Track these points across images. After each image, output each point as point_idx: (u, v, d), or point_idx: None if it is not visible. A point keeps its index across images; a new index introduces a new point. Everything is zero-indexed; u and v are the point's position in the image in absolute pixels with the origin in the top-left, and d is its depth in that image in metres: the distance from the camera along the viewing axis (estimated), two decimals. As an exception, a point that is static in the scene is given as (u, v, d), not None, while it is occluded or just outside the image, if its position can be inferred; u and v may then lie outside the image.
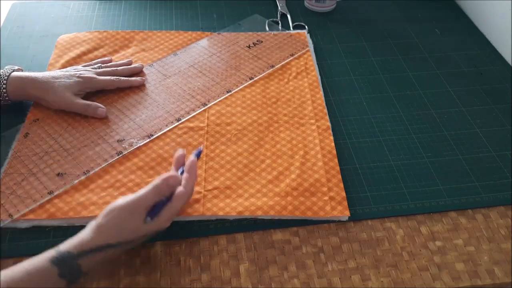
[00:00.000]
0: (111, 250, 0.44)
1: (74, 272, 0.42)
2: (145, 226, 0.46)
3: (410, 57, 0.78)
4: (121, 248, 0.45)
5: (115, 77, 0.68)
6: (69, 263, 0.42)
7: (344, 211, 0.54)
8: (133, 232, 0.45)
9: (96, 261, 0.44)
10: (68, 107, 0.63)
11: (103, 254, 0.44)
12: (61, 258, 0.42)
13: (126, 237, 0.45)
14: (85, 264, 0.43)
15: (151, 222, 0.46)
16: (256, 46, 0.78)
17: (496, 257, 0.51)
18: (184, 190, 0.48)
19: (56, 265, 0.42)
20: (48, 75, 0.63)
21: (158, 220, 0.46)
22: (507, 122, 0.67)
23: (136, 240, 0.46)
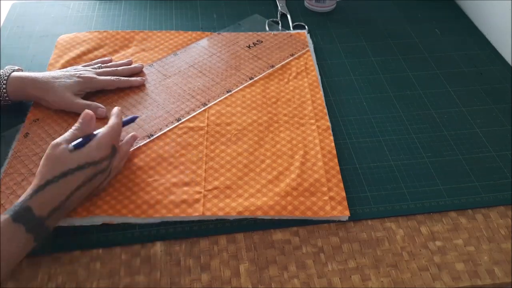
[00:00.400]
0: (55, 188, 0.47)
1: (31, 218, 0.45)
2: (72, 154, 0.49)
3: (410, 57, 0.78)
4: (63, 184, 0.47)
5: (115, 77, 0.68)
6: (23, 211, 0.45)
7: (344, 211, 0.54)
8: (62, 162, 0.48)
9: (47, 203, 0.46)
10: (68, 107, 0.63)
11: (49, 193, 0.46)
12: (15, 210, 0.45)
13: (58, 169, 0.48)
14: (36, 207, 0.45)
15: (77, 151, 0.50)
16: (256, 46, 0.78)
17: (496, 257, 0.51)
18: (108, 123, 0.54)
19: (15, 220, 0.44)
20: (48, 75, 0.63)
21: (85, 149, 0.50)
22: (507, 122, 0.67)
23: (77, 172, 0.48)
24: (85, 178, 0.49)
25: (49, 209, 0.46)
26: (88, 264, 0.50)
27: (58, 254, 0.50)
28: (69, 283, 0.48)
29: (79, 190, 0.49)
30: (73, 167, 0.48)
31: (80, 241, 0.51)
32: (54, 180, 0.47)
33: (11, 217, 0.44)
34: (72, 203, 0.49)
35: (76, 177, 0.48)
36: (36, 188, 0.46)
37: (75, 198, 0.49)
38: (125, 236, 0.52)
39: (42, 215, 0.46)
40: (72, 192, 0.48)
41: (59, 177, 0.47)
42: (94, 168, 0.50)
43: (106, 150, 0.51)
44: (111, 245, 0.51)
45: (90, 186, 0.50)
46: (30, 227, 0.44)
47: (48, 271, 0.49)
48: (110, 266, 0.49)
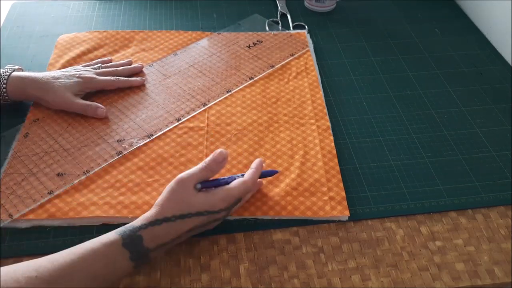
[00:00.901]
0: (170, 226, 0.46)
1: (139, 248, 0.44)
2: (196, 197, 0.47)
3: (410, 57, 0.78)
4: (179, 224, 0.46)
5: (115, 77, 0.68)
6: (134, 239, 0.44)
7: (344, 211, 0.54)
8: (185, 203, 0.47)
9: (158, 237, 0.45)
10: (68, 107, 0.63)
11: (163, 230, 0.45)
12: (127, 234, 0.44)
13: (179, 209, 0.46)
14: (147, 239, 0.44)
15: (202, 195, 0.48)
16: (256, 46, 0.78)
17: (496, 257, 0.51)
18: (244, 178, 0.50)
19: (124, 245, 0.43)
20: (48, 75, 0.63)
21: (210, 195, 0.48)
22: (507, 122, 0.67)
23: (194, 217, 0.47)
24: (199, 223, 0.47)
25: (158, 244, 0.45)
26: (88, 264, 0.49)
27: (58, 254, 0.50)
28: (69, 283, 0.48)
29: (191, 231, 0.48)
30: (193, 212, 0.47)
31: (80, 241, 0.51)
32: (172, 219, 0.46)
33: (122, 241, 0.43)
34: (179, 240, 0.48)
35: (192, 220, 0.47)
36: (153, 221, 0.45)
37: (185, 236, 0.48)
38: (125, 236, 0.52)
39: (150, 247, 0.45)
40: (184, 233, 0.47)
41: (178, 217, 0.46)
42: (212, 216, 0.48)
43: (230, 202, 0.49)
44: (111, 245, 0.51)
45: (202, 229, 0.49)
46: (135, 256, 0.44)
47: (48, 271, 0.49)
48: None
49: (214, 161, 0.50)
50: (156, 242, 0.45)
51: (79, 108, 0.63)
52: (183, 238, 0.48)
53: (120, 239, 0.43)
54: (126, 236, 0.44)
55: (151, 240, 0.45)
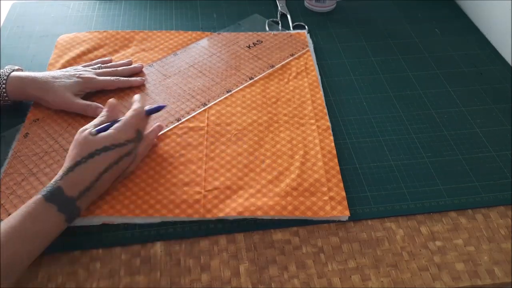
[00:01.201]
0: (84, 169, 0.49)
1: (62, 198, 0.47)
2: (97, 137, 0.51)
3: (410, 57, 0.78)
4: (91, 165, 0.50)
5: (115, 78, 0.68)
6: (55, 191, 0.47)
7: (344, 211, 0.54)
8: (88, 143, 0.51)
9: (77, 183, 0.49)
10: (68, 107, 0.63)
11: (78, 174, 0.49)
12: (47, 190, 0.47)
13: (85, 151, 0.50)
14: (67, 187, 0.48)
15: (102, 134, 0.52)
16: (256, 46, 0.78)
17: (496, 257, 0.51)
18: (132, 107, 0.56)
19: (47, 199, 0.46)
20: (48, 75, 0.63)
21: (109, 131, 0.52)
22: (507, 122, 0.67)
23: (103, 153, 0.50)
24: (111, 160, 0.51)
25: (79, 189, 0.49)
26: (88, 264, 0.50)
27: (58, 254, 0.50)
28: (69, 283, 0.48)
29: (107, 172, 0.51)
30: (99, 148, 0.50)
31: (80, 241, 0.51)
32: (82, 161, 0.49)
33: (44, 197, 0.46)
34: (101, 185, 0.51)
35: (102, 158, 0.50)
36: (66, 170, 0.49)
37: (105, 180, 0.51)
38: (125, 236, 0.52)
39: (73, 195, 0.48)
40: (100, 173, 0.50)
41: (87, 157, 0.50)
42: (120, 150, 0.52)
43: (130, 133, 0.53)
44: (111, 245, 0.51)
45: (117, 169, 0.52)
46: (62, 206, 0.47)
47: (48, 271, 0.49)
48: (110, 266, 0.49)
49: (108, 108, 0.57)
50: (77, 189, 0.48)
51: (79, 108, 0.63)
52: (105, 181, 0.52)
53: (41, 196, 0.46)
54: (46, 192, 0.47)
55: (71, 188, 0.48)
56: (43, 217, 0.46)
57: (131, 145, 0.53)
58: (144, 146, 0.57)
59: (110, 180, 0.53)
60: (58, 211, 0.47)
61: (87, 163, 0.50)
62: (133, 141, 0.54)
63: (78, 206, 0.49)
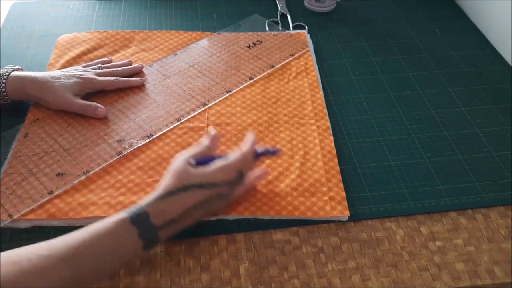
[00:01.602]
0: (174, 200, 0.46)
1: (146, 224, 0.45)
2: (194, 169, 0.49)
3: (410, 57, 0.78)
4: (182, 198, 0.47)
5: (115, 78, 0.68)
6: (141, 215, 0.45)
7: (344, 211, 0.54)
8: (184, 174, 0.48)
9: (164, 213, 0.46)
10: (67, 107, 0.63)
11: (168, 205, 0.46)
12: (133, 212, 0.45)
13: (180, 182, 0.47)
14: (154, 215, 0.45)
15: (200, 168, 0.49)
16: (256, 46, 0.78)
17: (496, 257, 0.51)
18: (241, 149, 0.52)
19: (132, 221, 0.44)
20: (48, 75, 0.63)
21: (208, 167, 0.49)
22: (507, 122, 0.67)
23: (196, 189, 0.47)
24: (203, 197, 0.48)
25: (165, 220, 0.46)
26: (88, 264, 0.49)
27: (58, 254, 0.50)
28: (69, 283, 0.48)
29: (196, 209, 0.48)
30: (194, 184, 0.47)
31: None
32: (175, 192, 0.47)
33: (129, 218, 0.44)
34: (187, 220, 0.48)
35: (195, 194, 0.47)
36: (157, 197, 0.46)
37: (192, 215, 0.48)
38: (125, 236, 0.52)
39: (157, 223, 0.45)
40: (189, 208, 0.47)
41: (180, 189, 0.47)
42: (214, 190, 0.48)
43: (230, 175, 0.49)
44: (111, 245, 0.51)
45: (208, 208, 0.49)
46: (143, 232, 0.44)
47: (48, 271, 0.49)
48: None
49: (210, 139, 0.53)
50: (163, 218, 0.45)
51: (79, 108, 0.63)
52: (191, 217, 0.48)
53: (127, 216, 0.44)
54: (133, 213, 0.45)
55: (157, 216, 0.45)
56: (123, 237, 0.43)
57: (227, 188, 0.50)
58: (243, 188, 0.53)
59: (197, 217, 0.49)
60: (138, 236, 0.44)
61: (179, 195, 0.47)
62: (231, 184, 0.50)
63: (158, 236, 0.46)
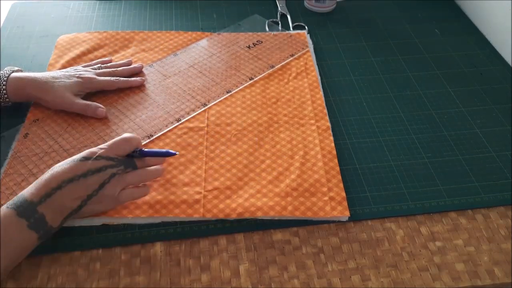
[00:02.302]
0: (63, 195, 0.47)
1: (40, 221, 0.46)
2: (81, 162, 0.49)
3: (410, 57, 0.78)
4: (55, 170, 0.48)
5: (115, 78, 0.68)
6: (31, 210, 0.45)
7: (344, 211, 0.54)
8: (70, 167, 0.48)
9: (39, 188, 0.46)
10: (68, 107, 0.63)
11: (42, 180, 0.47)
12: (21, 205, 0.45)
13: (66, 175, 0.47)
14: (30, 193, 0.46)
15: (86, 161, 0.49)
16: (256, 47, 0.78)
17: (496, 258, 0.51)
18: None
19: (8, 206, 0.45)
20: (48, 75, 0.63)
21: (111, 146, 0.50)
22: (507, 122, 0.67)
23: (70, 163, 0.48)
24: (76, 170, 0.48)
25: (40, 194, 0.46)
26: (88, 265, 0.50)
27: (58, 254, 0.50)
28: (69, 284, 0.48)
29: (71, 182, 0.47)
30: (79, 172, 0.48)
31: (80, 242, 0.51)
32: (61, 186, 0.47)
33: (7, 204, 0.45)
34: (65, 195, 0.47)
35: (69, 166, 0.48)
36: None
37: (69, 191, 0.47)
38: (125, 237, 0.52)
39: (33, 199, 0.46)
40: (59, 180, 0.47)
41: (66, 182, 0.47)
42: (91, 163, 0.49)
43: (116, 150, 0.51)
44: (111, 246, 0.51)
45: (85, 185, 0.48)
46: (21, 211, 0.45)
47: (48, 271, 0.49)
48: (110, 267, 0.49)
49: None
50: (37, 193, 0.46)
51: (79, 108, 0.63)
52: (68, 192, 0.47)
53: (5, 204, 0.45)
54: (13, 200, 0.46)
55: (31, 192, 0.46)
56: (4, 225, 0.44)
57: (111, 167, 0.50)
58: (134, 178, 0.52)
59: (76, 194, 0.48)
60: (17, 216, 0.45)
61: (63, 189, 0.47)
62: (117, 164, 0.50)
63: (41, 213, 0.46)
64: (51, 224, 0.47)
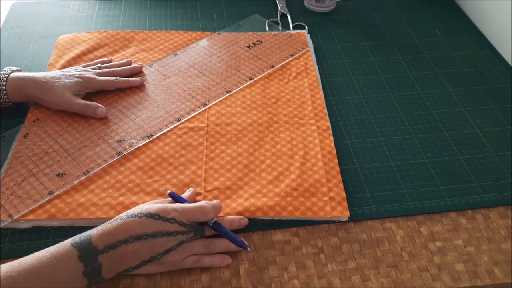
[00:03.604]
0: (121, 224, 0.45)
1: (96, 270, 0.43)
2: (154, 220, 0.46)
3: (410, 57, 0.78)
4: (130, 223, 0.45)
5: (115, 78, 0.68)
6: (83, 237, 0.44)
7: (344, 212, 0.54)
8: (141, 223, 0.45)
9: (107, 237, 0.44)
10: (67, 107, 0.63)
11: (113, 228, 0.44)
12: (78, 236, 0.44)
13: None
14: (97, 237, 0.44)
15: None
16: (256, 46, 0.78)
17: (496, 258, 0.51)
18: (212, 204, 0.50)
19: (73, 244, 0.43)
20: (48, 75, 0.63)
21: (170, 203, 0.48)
22: (507, 122, 0.67)
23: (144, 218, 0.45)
24: (150, 229, 0.45)
25: (106, 243, 0.44)
26: (88, 265, 0.50)
27: (58, 255, 0.50)
28: (69, 284, 0.48)
29: (140, 239, 0.45)
30: (145, 212, 0.46)
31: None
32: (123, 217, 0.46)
33: (71, 241, 0.43)
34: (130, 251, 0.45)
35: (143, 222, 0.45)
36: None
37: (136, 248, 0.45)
38: (125, 237, 0.52)
39: (98, 245, 0.43)
40: (131, 235, 0.45)
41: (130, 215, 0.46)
42: (167, 225, 0.46)
43: (190, 218, 0.48)
44: (111, 246, 0.51)
45: (154, 246, 0.46)
46: (83, 253, 0.43)
47: (48, 272, 0.49)
48: None
49: None
50: (104, 240, 0.44)
51: (79, 108, 0.63)
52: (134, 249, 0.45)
53: (69, 240, 0.43)
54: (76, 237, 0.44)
55: (99, 238, 0.44)
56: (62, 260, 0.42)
57: (182, 232, 0.47)
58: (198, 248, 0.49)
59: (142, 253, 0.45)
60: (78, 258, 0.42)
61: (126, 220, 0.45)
62: (190, 231, 0.48)
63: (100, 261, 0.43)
64: (103, 275, 0.44)
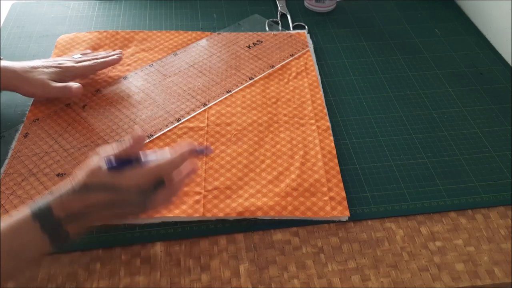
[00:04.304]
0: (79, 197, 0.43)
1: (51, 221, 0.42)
2: (103, 171, 0.44)
3: (410, 57, 0.78)
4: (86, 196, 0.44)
5: (93, 61, 0.68)
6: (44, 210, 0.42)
7: (344, 211, 0.54)
8: (94, 173, 0.44)
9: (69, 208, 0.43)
10: (47, 94, 0.63)
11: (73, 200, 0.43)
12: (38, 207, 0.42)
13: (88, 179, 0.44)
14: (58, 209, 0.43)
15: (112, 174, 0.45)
16: (256, 46, 0.78)
17: (496, 258, 0.51)
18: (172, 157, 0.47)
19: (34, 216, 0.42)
20: (26, 65, 0.63)
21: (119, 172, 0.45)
22: (507, 122, 0.67)
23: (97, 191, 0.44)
24: (105, 200, 0.44)
25: (67, 213, 0.43)
26: (88, 265, 0.50)
27: (58, 255, 0.50)
28: (69, 284, 0.48)
29: (100, 209, 0.44)
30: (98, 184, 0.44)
31: (80, 242, 0.51)
32: (80, 189, 0.44)
33: (31, 213, 0.42)
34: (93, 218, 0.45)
35: (97, 195, 0.44)
36: (63, 190, 0.44)
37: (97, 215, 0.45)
38: (125, 237, 0.52)
39: (60, 216, 0.43)
40: (91, 207, 0.44)
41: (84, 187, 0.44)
42: (118, 195, 0.44)
43: (141, 182, 0.45)
44: (111, 246, 0.51)
45: (114, 211, 0.45)
46: (47, 226, 0.42)
47: (48, 271, 0.49)
48: (110, 267, 0.49)
49: (132, 141, 0.47)
50: (65, 212, 0.43)
51: (57, 91, 0.63)
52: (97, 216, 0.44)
53: (29, 211, 0.42)
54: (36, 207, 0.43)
55: (60, 209, 0.43)
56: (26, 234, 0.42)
57: (136, 195, 0.45)
58: (170, 192, 0.48)
59: (104, 217, 0.46)
60: (42, 230, 0.42)
61: (82, 192, 0.44)
62: (144, 191, 0.45)
63: (65, 229, 0.43)
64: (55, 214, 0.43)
